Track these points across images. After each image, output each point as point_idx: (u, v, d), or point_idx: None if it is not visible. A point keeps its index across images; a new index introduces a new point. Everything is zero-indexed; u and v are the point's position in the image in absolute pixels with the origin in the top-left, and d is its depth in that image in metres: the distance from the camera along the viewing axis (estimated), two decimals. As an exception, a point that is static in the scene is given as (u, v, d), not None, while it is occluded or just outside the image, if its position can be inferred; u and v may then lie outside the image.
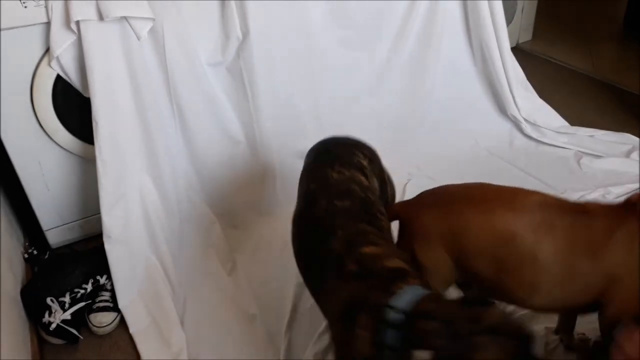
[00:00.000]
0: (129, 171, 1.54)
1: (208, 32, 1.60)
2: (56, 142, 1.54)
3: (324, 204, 1.07)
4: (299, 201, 1.17)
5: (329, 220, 1.04)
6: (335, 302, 0.94)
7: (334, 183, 1.12)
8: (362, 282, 0.91)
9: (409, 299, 0.85)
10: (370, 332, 0.86)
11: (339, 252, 0.97)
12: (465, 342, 0.77)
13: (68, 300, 1.47)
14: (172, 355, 1.38)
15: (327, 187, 1.11)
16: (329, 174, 1.14)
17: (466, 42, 2.14)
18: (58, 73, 1.45)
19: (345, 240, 0.98)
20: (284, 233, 1.75)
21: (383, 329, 0.84)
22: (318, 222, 1.06)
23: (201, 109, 1.64)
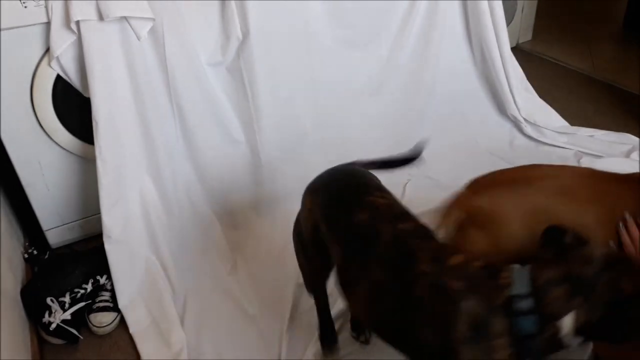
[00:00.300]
0: (129, 171, 1.54)
1: (208, 32, 1.60)
2: (56, 142, 1.54)
3: (389, 230, 0.98)
4: (347, 242, 1.02)
5: (402, 247, 0.96)
6: (450, 327, 0.86)
7: (386, 207, 1.04)
8: (473, 293, 0.86)
9: (524, 281, 0.85)
10: (506, 334, 0.84)
11: (431, 272, 0.90)
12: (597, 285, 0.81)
13: (68, 300, 1.47)
14: (172, 355, 1.38)
15: (380, 214, 1.02)
16: (375, 200, 1.05)
17: (466, 42, 2.14)
18: (58, 73, 1.45)
19: (430, 259, 0.92)
20: (284, 233, 1.75)
21: (517, 323, 0.83)
22: (390, 252, 0.96)
23: (201, 109, 1.64)
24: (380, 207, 1.04)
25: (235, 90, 1.69)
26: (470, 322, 0.85)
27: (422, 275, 0.91)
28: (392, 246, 0.96)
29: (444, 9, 2.01)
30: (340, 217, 1.06)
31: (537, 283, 0.85)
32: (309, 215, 1.13)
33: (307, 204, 1.15)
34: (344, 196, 1.10)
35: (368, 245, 0.99)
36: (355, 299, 1.02)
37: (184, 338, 1.41)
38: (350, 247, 1.02)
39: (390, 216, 1.02)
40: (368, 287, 0.97)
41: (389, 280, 0.94)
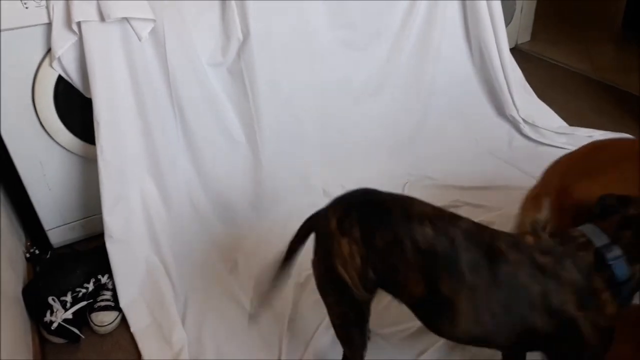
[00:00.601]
0: (130, 171, 1.54)
1: (209, 33, 1.61)
2: (58, 143, 1.54)
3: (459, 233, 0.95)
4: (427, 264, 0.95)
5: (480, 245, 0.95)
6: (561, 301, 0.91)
7: (436, 212, 1.00)
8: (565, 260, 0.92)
9: (599, 234, 0.93)
10: (607, 287, 0.91)
11: (520, 258, 0.92)
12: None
13: (69, 299, 1.47)
14: (173, 354, 1.38)
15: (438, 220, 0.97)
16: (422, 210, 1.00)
17: (465, 43, 2.14)
18: (59, 74, 1.46)
19: (511, 247, 0.94)
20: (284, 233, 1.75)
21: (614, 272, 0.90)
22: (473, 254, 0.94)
23: (202, 110, 1.64)
24: (432, 214, 0.99)
25: (236, 90, 1.69)
26: (575, 288, 0.90)
27: (515, 264, 0.92)
28: (471, 248, 0.94)
29: (444, 10, 2.01)
30: (402, 243, 0.96)
31: (610, 232, 0.93)
32: (352, 260, 0.98)
33: (343, 248, 0.99)
34: (387, 220, 0.98)
35: (450, 256, 0.94)
36: (455, 322, 0.95)
37: (185, 337, 1.41)
38: (432, 266, 0.95)
39: (446, 219, 0.98)
40: (468, 299, 0.93)
41: (486, 281, 0.92)
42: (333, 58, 1.87)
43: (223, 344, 1.42)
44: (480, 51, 2.12)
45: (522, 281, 0.92)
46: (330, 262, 1.00)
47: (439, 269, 0.94)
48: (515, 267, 0.92)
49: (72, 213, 1.68)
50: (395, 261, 0.97)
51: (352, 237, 0.98)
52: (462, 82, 2.17)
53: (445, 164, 2.01)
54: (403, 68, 2.02)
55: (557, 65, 2.86)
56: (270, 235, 1.74)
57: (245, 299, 1.53)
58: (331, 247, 1.00)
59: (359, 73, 1.96)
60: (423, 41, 2.02)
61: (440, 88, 2.10)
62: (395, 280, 0.99)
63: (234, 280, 1.59)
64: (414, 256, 0.95)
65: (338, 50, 1.87)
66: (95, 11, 1.39)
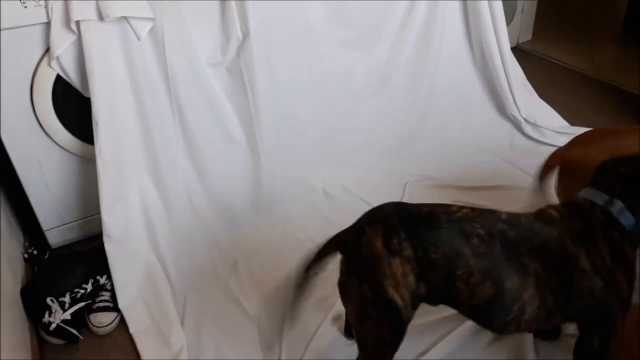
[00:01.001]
0: (129, 171, 1.54)
1: (208, 32, 1.60)
2: (56, 142, 1.54)
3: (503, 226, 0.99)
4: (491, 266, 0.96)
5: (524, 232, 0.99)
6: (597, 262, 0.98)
7: (473, 210, 1.02)
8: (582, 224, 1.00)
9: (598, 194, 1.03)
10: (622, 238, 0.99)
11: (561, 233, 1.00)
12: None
13: (68, 300, 1.47)
14: (172, 355, 1.38)
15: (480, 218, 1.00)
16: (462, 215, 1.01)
17: (466, 42, 2.14)
18: (58, 73, 1.45)
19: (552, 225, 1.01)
20: (284, 233, 1.76)
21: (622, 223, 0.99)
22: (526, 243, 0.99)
23: (201, 109, 1.64)
24: (473, 215, 1.00)
25: (236, 90, 1.69)
26: (607, 244, 0.98)
27: (558, 237, 0.99)
28: (520, 236, 0.98)
29: (444, 9, 2.01)
30: (458, 251, 0.96)
31: (606, 187, 1.02)
32: (404, 279, 0.96)
33: (395, 269, 0.96)
34: (437, 231, 0.97)
35: (508, 251, 0.96)
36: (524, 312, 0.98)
37: (184, 338, 1.41)
38: (495, 266, 0.96)
39: (486, 215, 1.01)
40: (531, 285, 0.97)
41: (540, 263, 0.97)
42: (333, 57, 1.86)
43: (222, 344, 1.41)
44: (481, 50, 2.12)
45: (569, 250, 0.98)
46: (379, 285, 0.96)
47: (502, 266, 0.95)
48: (559, 239, 0.98)
49: (70, 213, 1.68)
50: (453, 270, 0.96)
51: (403, 256, 0.96)
52: (462, 82, 2.16)
53: (446, 163, 2.01)
54: (403, 67, 2.02)
55: (558, 65, 2.86)
56: (270, 235, 1.74)
57: (244, 299, 1.52)
58: (379, 270, 0.96)
59: (359, 73, 1.95)
60: (423, 40, 2.01)
61: (441, 87, 2.10)
62: (454, 289, 0.98)
63: (233, 280, 1.59)
64: (474, 261, 0.95)
65: (338, 49, 1.87)
66: (94, 10, 1.39)
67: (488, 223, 0.98)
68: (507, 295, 0.96)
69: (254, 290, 1.55)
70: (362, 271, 0.99)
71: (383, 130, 2.04)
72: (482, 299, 0.97)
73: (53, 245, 1.71)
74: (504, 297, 0.96)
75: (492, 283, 0.96)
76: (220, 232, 1.72)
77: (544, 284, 0.97)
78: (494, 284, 0.96)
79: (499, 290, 0.96)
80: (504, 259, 0.96)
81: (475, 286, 0.96)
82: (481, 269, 0.95)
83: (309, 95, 1.84)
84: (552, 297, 0.98)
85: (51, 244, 1.70)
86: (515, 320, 0.99)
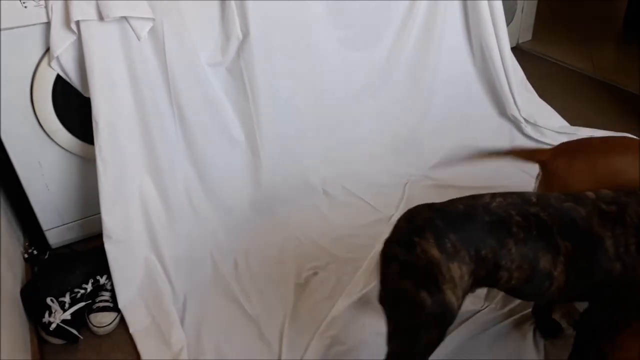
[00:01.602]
0: (129, 171, 1.54)
1: (208, 32, 1.60)
2: (56, 142, 1.54)
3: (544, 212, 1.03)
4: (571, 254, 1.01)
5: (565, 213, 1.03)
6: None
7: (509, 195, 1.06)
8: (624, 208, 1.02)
9: None
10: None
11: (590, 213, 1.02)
12: None
13: (68, 300, 1.47)
14: (172, 355, 1.38)
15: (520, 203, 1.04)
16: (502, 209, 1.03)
17: (466, 42, 2.14)
18: (58, 73, 1.45)
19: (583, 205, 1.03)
20: (284, 233, 1.76)
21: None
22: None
23: (201, 109, 1.63)
24: (506, 201, 1.04)
25: (235, 90, 1.69)
26: (625, 236, 1.00)
27: (587, 217, 1.01)
28: (552, 216, 1.01)
29: (444, 9, 2.01)
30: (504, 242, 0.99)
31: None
32: (461, 281, 0.99)
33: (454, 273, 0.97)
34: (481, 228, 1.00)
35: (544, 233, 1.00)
36: (552, 286, 1.02)
37: (184, 338, 1.41)
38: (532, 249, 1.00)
39: (517, 199, 1.05)
40: (561, 263, 1.00)
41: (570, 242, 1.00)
42: (333, 58, 1.86)
43: (222, 344, 1.41)
44: (482, 50, 2.12)
45: (595, 230, 1.00)
46: (438, 290, 0.97)
47: (538, 250, 1.00)
48: (587, 218, 1.01)
49: (70, 213, 1.67)
50: (498, 261, 1.00)
51: (459, 259, 0.98)
52: (463, 82, 2.16)
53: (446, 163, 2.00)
54: (403, 68, 2.02)
55: (559, 65, 2.86)
56: (269, 235, 1.74)
57: (244, 299, 1.52)
58: (439, 276, 0.97)
59: (359, 73, 1.95)
60: (423, 41, 2.01)
61: (441, 87, 2.10)
62: (496, 276, 1.02)
63: (233, 280, 1.59)
64: (515, 248, 0.99)
65: (338, 49, 1.87)
66: (94, 10, 1.39)
67: (522, 208, 1.02)
68: (540, 273, 1.01)
69: (254, 290, 1.55)
70: (420, 279, 0.99)
71: (383, 130, 2.04)
72: (520, 279, 1.01)
73: (53, 245, 1.71)
74: (538, 275, 1.01)
75: (529, 265, 1.00)
76: (220, 232, 1.72)
77: (572, 261, 1.00)
78: (530, 265, 1.00)
79: (534, 270, 1.00)
80: (539, 241, 1.00)
81: (514, 270, 1.01)
82: (520, 254, 1.00)
83: (309, 95, 1.84)
84: (575, 272, 1.01)
85: (51, 244, 1.70)
86: (543, 292, 1.04)
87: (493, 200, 1.05)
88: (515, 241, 0.99)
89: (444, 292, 0.97)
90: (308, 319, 1.44)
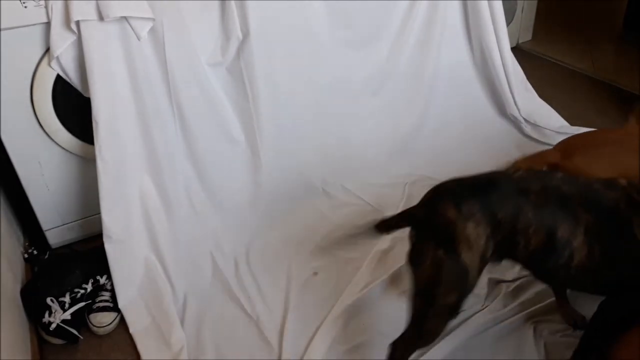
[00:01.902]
0: (129, 171, 1.54)
1: (208, 32, 1.60)
2: (56, 142, 1.54)
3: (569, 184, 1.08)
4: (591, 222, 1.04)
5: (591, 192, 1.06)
6: None
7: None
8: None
9: None
10: None
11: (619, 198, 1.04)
12: None
13: (68, 300, 1.47)
14: (172, 355, 1.38)
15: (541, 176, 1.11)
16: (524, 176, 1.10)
17: (466, 42, 2.14)
18: (58, 73, 1.45)
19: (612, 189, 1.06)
20: (284, 233, 1.76)
21: None
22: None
23: (201, 109, 1.63)
24: (528, 175, 1.10)
25: (235, 90, 1.69)
26: None
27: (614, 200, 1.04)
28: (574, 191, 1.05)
29: (444, 9, 2.01)
30: (522, 208, 1.03)
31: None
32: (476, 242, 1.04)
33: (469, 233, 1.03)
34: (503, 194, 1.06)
35: (563, 202, 1.04)
36: (571, 259, 1.04)
37: (184, 338, 1.41)
38: (550, 217, 1.03)
39: (538, 174, 1.11)
40: (581, 235, 1.02)
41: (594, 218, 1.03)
42: (333, 57, 1.86)
43: (222, 344, 1.41)
44: (482, 50, 2.12)
45: (623, 212, 1.02)
46: (453, 248, 1.04)
47: (556, 217, 1.03)
48: (615, 200, 1.03)
49: (70, 213, 1.67)
50: (515, 225, 1.04)
51: (475, 220, 1.04)
52: (463, 82, 2.16)
53: (446, 163, 2.00)
54: (403, 67, 2.02)
55: (559, 65, 2.86)
56: (269, 235, 1.74)
57: (244, 299, 1.52)
58: (454, 234, 1.04)
59: (358, 73, 1.95)
60: (423, 41, 2.01)
61: (441, 87, 2.10)
62: (514, 241, 1.06)
63: (233, 280, 1.58)
64: (532, 213, 1.03)
65: (338, 49, 1.87)
66: (94, 10, 1.38)
67: (543, 180, 1.08)
68: (559, 241, 1.03)
69: (254, 290, 1.55)
70: (437, 238, 1.07)
71: (383, 130, 2.04)
72: (537, 245, 1.04)
73: (53, 245, 1.71)
74: (556, 242, 1.03)
75: (547, 231, 1.03)
76: (220, 231, 1.72)
77: (593, 235, 1.02)
78: (548, 231, 1.03)
79: (552, 237, 1.03)
80: (557, 209, 1.03)
81: (532, 235, 1.04)
82: (538, 220, 1.03)
83: (309, 95, 1.84)
84: (599, 249, 1.02)
85: (51, 244, 1.70)
86: (565, 266, 1.05)
87: (515, 172, 1.12)
88: (533, 207, 1.03)
89: (458, 250, 1.04)
90: (308, 319, 1.44)
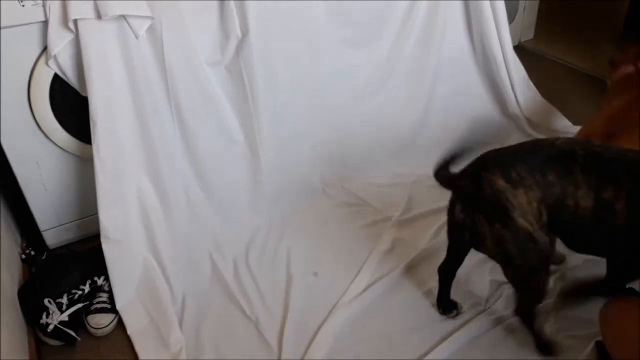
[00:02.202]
0: (127, 171, 1.53)
1: (207, 31, 1.59)
2: (54, 142, 1.53)
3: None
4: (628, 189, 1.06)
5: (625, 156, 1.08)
6: None
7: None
8: None
9: None
10: None
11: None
12: None
13: (66, 301, 1.46)
14: (170, 355, 1.37)
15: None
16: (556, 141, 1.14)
17: (468, 41, 2.13)
18: (55, 72, 1.44)
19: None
20: (283, 233, 1.75)
21: None
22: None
23: (200, 108, 1.62)
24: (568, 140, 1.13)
25: (235, 89, 1.68)
26: None
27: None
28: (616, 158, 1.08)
29: (445, 7, 2.00)
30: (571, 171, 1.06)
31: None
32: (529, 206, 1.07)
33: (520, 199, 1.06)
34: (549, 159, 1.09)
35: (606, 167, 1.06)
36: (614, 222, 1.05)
37: (183, 339, 1.40)
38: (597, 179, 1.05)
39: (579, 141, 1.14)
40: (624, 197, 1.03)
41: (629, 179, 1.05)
42: (333, 57, 1.85)
43: (222, 345, 1.40)
44: (483, 49, 2.11)
45: None
46: (508, 218, 1.05)
47: (603, 181, 1.04)
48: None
49: (68, 213, 1.67)
50: (565, 187, 1.06)
51: (525, 185, 1.05)
52: (464, 80, 2.15)
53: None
54: (404, 66, 2.01)
55: (561, 64, 2.85)
56: (269, 235, 1.73)
57: (243, 299, 1.51)
58: (506, 204, 1.05)
59: (359, 72, 1.94)
60: (424, 40, 2.00)
61: (442, 86, 2.09)
62: (563, 204, 1.07)
63: (232, 280, 1.58)
64: (581, 176, 1.05)
65: (338, 48, 1.86)
66: (92, 9, 1.38)
67: (586, 146, 1.09)
68: (604, 204, 1.04)
69: (254, 290, 1.54)
70: (486, 211, 1.08)
71: (384, 129, 2.03)
72: (585, 210, 1.05)
73: (50, 246, 1.70)
74: (602, 207, 1.04)
75: (594, 194, 1.04)
76: (219, 232, 1.71)
77: (632, 202, 1.03)
78: (595, 194, 1.04)
79: (598, 200, 1.04)
80: (602, 172, 1.05)
81: (580, 198, 1.05)
82: (585, 182, 1.05)
83: (309, 94, 1.83)
84: (636, 217, 1.03)
85: (49, 245, 1.70)
86: (606, 227, 1.06)
87: (558, 139, 1.14)
88: (581, 169, 1.05)
89: (514, 219, 1.05)
90: (308, 319, 1.43)
